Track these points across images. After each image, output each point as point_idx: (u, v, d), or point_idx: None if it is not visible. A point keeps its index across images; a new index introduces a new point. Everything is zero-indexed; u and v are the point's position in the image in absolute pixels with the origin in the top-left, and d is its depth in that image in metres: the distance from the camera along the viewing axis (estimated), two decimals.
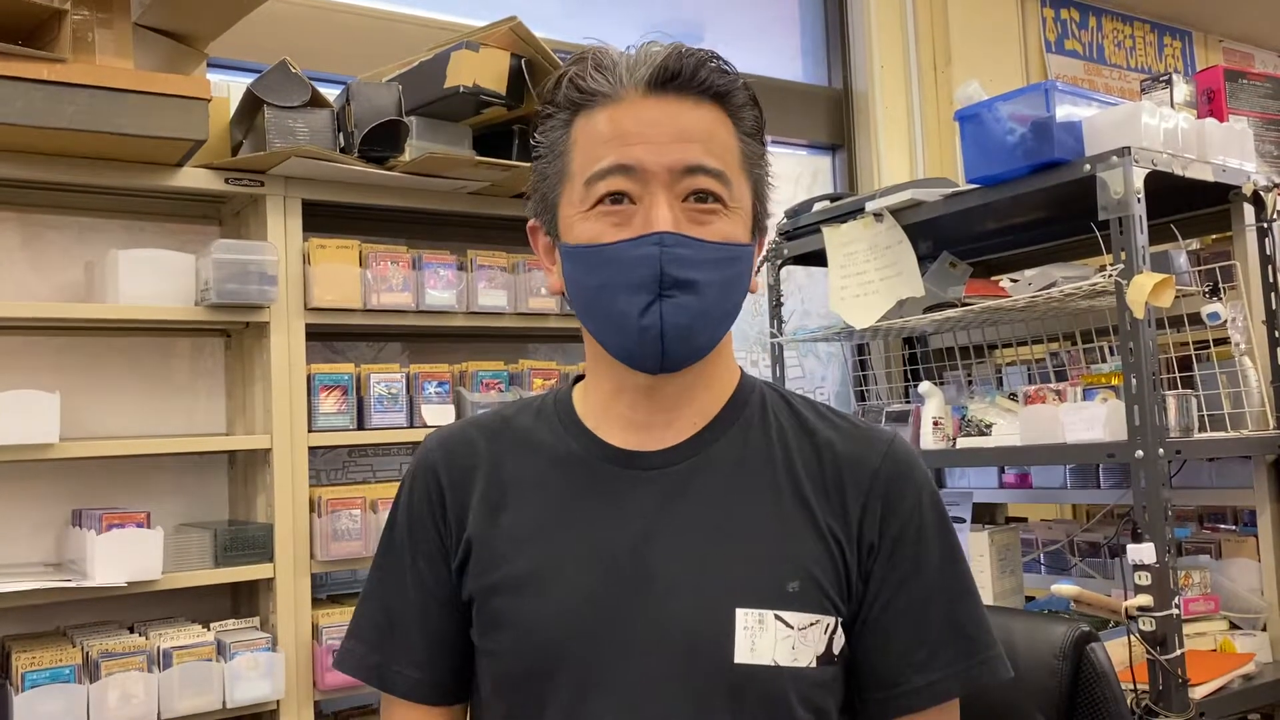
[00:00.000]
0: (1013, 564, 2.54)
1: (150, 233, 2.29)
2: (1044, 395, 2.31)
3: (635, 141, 1.00)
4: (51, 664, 1.87)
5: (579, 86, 1.04)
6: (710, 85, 1.04)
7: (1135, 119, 2.13)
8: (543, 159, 1.08)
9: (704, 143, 1.02)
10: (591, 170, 1.01)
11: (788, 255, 2.88)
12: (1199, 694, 2.00)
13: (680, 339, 1.00)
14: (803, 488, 1.05)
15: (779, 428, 1.10)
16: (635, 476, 1.06)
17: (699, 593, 1.00)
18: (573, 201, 1.03)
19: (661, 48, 1.04)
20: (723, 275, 1.01)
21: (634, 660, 0.99)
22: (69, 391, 2.04)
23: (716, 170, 1.01)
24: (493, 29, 2.29)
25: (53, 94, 1.84)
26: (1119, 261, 2.06)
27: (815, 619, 1.01)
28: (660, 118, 1.01)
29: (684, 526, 1.03)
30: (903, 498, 1.07)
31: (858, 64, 3.70)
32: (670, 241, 0.98)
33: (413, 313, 2.30)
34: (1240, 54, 4.85)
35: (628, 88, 1.02)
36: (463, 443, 1.13)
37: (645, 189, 1.00)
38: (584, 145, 1.03)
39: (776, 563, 1.02)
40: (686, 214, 1.00)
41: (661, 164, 1.00)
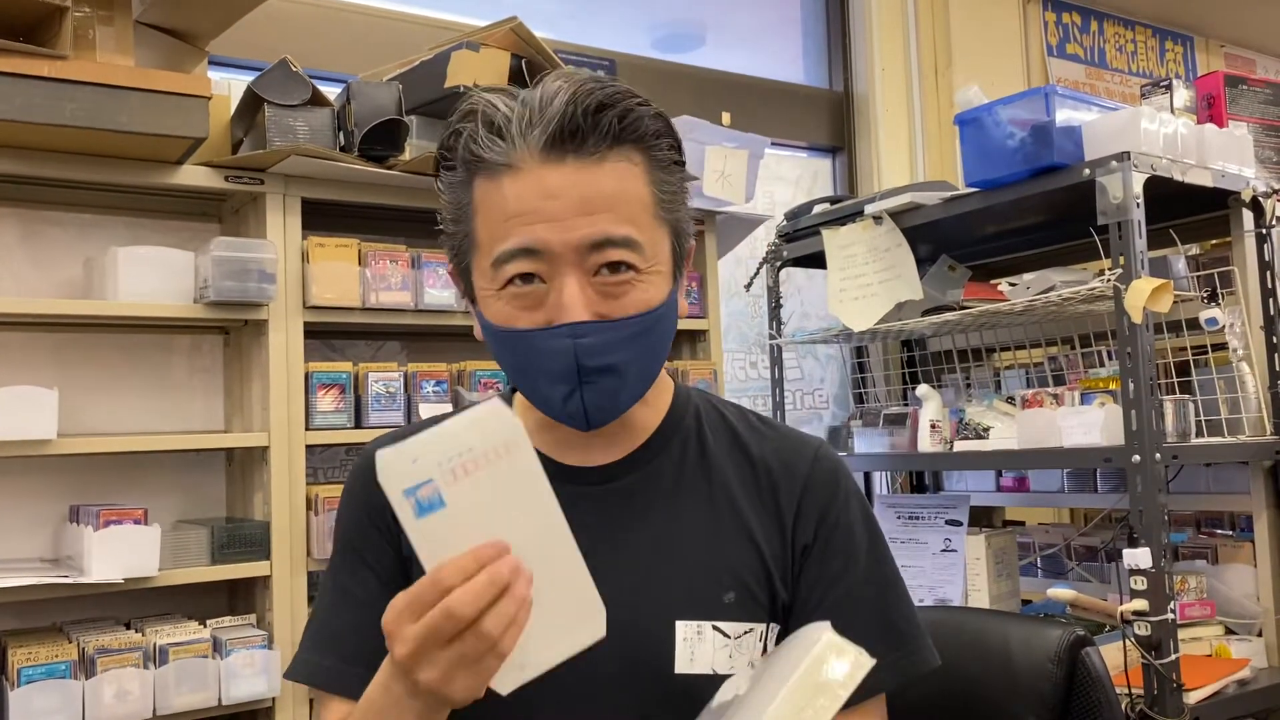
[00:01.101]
0: (1009, 567, 2.54)
1: (150, 230, 2.29)
2: (1042, 399, 2.32)
3: (537, 219, 0.95)
4: (48, 660, 1.87)
5: (474, 152, 0.98)
6: (612, 133, 0.96)
7: (1135, 124, 2.13)
8: (449, 216, 1.04)
9: (611, 209, 0.96)
10: (496, 251, 0.97)
11: (787, 257, 2.89)
12: (1194, 699, 2.00)
13: (604, 411, 1.00)
14: (736, 499, 1.08)
15: (714, 441, 1.12)
16: (575, 492, 1.04)
17: (640, 606, 1.01)
18: (484, 274, 1.00)
19: (558, 93, 0.95)
20: (642, 346, 1.00)
21: (576, 671, 0.97)
22: (67, 388, 2.04)
23: (626, 239, 0.96)
24: (493, 29, 2.30)
25: (53, 91, 1.84)
26: (1117, 266, 2.06)
27: (750, 627, 1.03)
28: (561, 187, 0.95)
29: (624, 541, 1.05)
30: (832, 500, 1.09)
31: (858, 67, 3.71)
32: (583, 331, 0.95)
33: (411, 312, 2.30)
34: (1242, 59, 4.85)
35: (523, 153, 0.96)
36: None
37: (553, 269, 0.96)
38: (486, 215, 0.99)
39: (713, 574, 1.04)
40: (599, 289, 0.97)
41: (567, 242, 0.95)
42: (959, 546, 2.53)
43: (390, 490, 0.78)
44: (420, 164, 2.21)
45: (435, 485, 0.77)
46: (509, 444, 0.77)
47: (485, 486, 0.78)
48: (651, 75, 3.23)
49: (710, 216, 2.75)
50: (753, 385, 3.36)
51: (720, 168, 2.64)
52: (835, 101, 3.72)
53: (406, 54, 2.40)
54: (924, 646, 1.10)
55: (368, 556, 1.09)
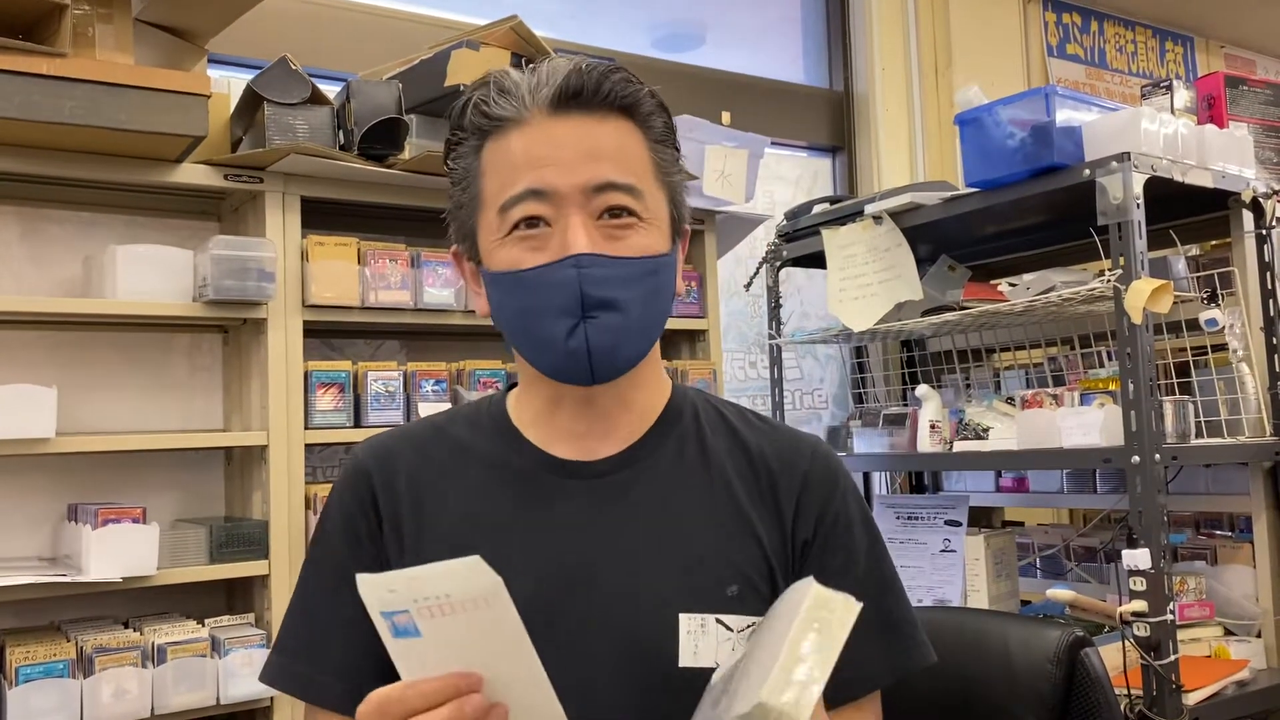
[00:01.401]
0: (1008, 568, 2.54)
1: (149, 228, 2.29)
2: (1041, 400, 2.31)
3: (545, 164, 1.00)
4: (45, 659, 1.87)
5: (484, 112, 1.04)
6: (615, 98, 1.03)
7: (1135, 124, 2.13)
8: (457, 186, 1.09)
9: (614, 159, 1.02)
10: (504, 197, 1.02)
11: (787, 257, 2.89)
12: (1193, 700, 2.00)
13: (607, 356, 1.02)
14: (737, 494, 1.09)
15: (712, 436, 1.13)
16: (575, 486, 1.07)
17: (642, 598, 1.02)
18: (490, 228, 1.04)
19: (564, 64, 1.03)
20: (644, 289, 1.03)
21: (578, 665, 0.99)
22: (66, 386, 2.04)
23: (628, 185, 1.02)
24: (493, 28, 2.30)
25: (52, 88, 1.83)
26: (1117, 267, 2.06)
27: (752, 621, 1.03)
28: (567, 137, 1.01)
29: (625, 533, 1.05)
30: (831, 496, 1.11)
31: (859, 66, 3.71)
32: (587, 263, 0.99)
33: (410, 311, 2.29)
34: (1242, 60, 4.85)
35: (532, 110, 1.02)
36: (396, 452, 1.12)
37: (559, 211, 1.01)
38: (495, 171, 1.04)
39: (716, 568, 1.04)
40: (602, 232, 1.01)
41: (573, 184, 1.00)
42: (958, 547, 2.53)
43: (370, 607, 0.80)
44: (420, 163, 2.21)
45: (410, 616, 0.79)
46: (488, 597, 0.79)
47: (461, 627, 0.80)
48: (651, 75, 3.21)
49: (710, 216, 2.75)
50: (752, 385, 3.36)
51: (720, 167, 2.64)
52: (835, 101, 3.72)
53: (406, 52, 2.40)
54: (921, 643, 1.12)
55: (348, 559, 1.09)
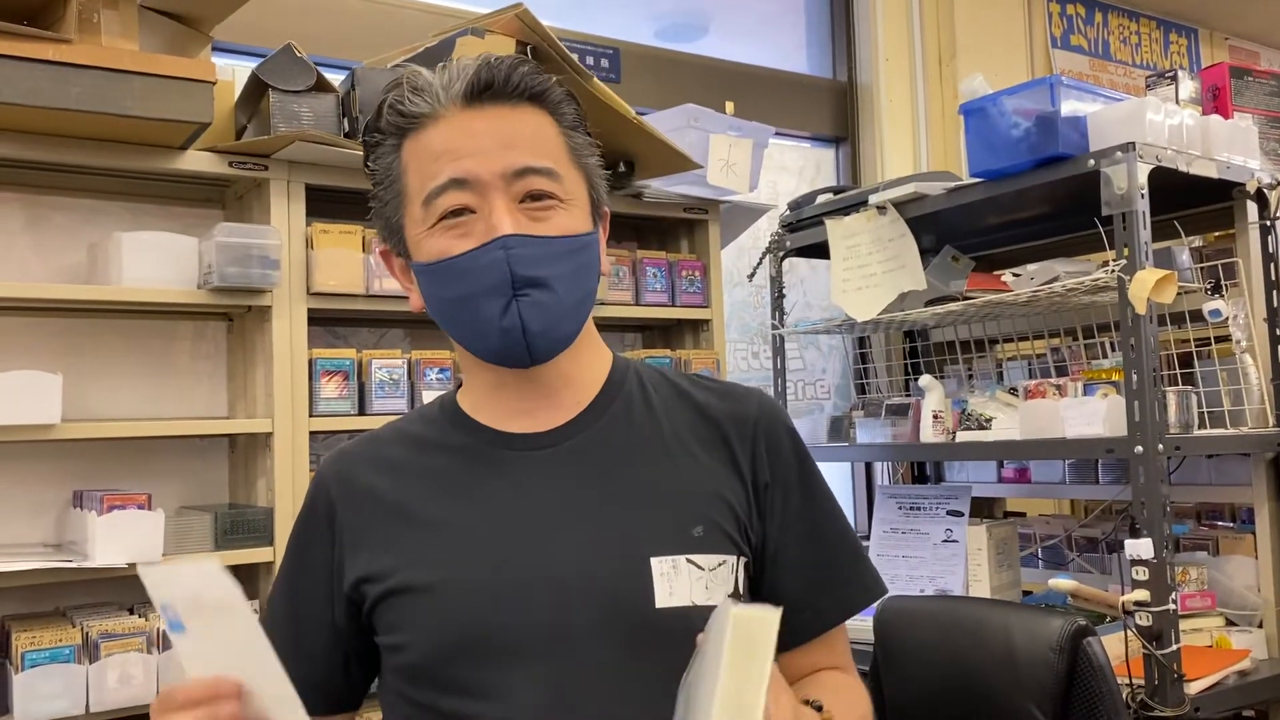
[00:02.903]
0: (1010, 558, 2.55)
1: (153, 215, 2.29)
2: (1044, 390, 2.32)
3: (464, 154, 1.04)
4: (51, 644, 1.87)
5: (400, 111, 1.07)
6: (525, 88, 1.07)
7: (1140, 115, 2.13)
8: (379, 185, 1.12)
9: (529, 145, 1.06)
10: (428, 189, 1.05)
11: (790, 247, 2.88)
12: (1194, 689, 2.01)
13: (542, 334, 1.05)
14: (691, 446, 1.14)
15: (659, 397, 1.17)
16: (529, 457, 1.11)
17: (612, 549, 1.06)
18: (416, 221, 1.08)
19: (471, 61, 1.07)
20: (570, 266, 1.06)
21: (557, 625, 1.03)
22: (71, 373, 2.04)
23: (546, 168, 1.06)
24: (498, 15, 2.29)
25: (57, 75, 1.83)
26: (1121, 257, 2.06)
27: (722, 559, 1.08)
28: (484, 127, 1.05)
29: (585, 492, 1.09)
30: (780, 441, 1.17)
31: (862, 56, 3.70)
32: (514, 243, 1.03)
33: None
34: (1246, 51, 4.84)
35: (447, 104, 1.06)
36: (353, 455, 1.18)
37: (483, 199, 1.04)
38: (416, 166, 1.07)
39: (679, 512, 1.09)
40: (526, 214, 1.05)
41: (493, 171, 1.04)
42: (960, 537, 2.54)
43: (152, 598, 0.93)
44: None
45: (176, 611, 0.91)
46: (229, 603, 0.89)
47: (217, 628, 0.91)
48: (655, 64, 3.22)
49: (714, 205, 2.75)
50: (755, 375, 3.37)
51: (724, 157, 2.63)
52: (839, 91, 3.71)
53: (411, 40, 2.39)
54: (869, 583, 1.19)
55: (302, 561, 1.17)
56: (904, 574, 2.58)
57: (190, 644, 0.93)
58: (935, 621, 1.64)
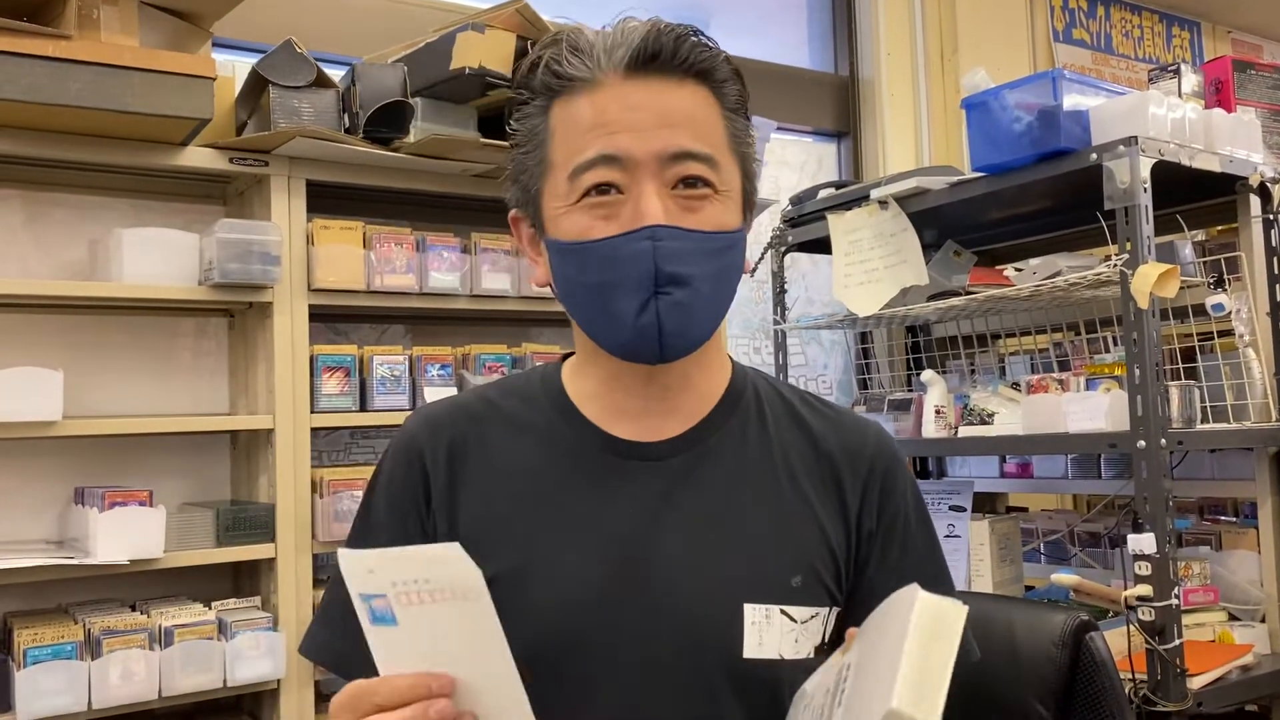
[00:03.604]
0: (1013, 553, 2.55)
1: (154, 212, 2.28)
2: (1047, 385, 2.31)
3: (619, 129, 0.96)
4: (53, 640, 1.87)
5: (555, 71, 1.00)
6: (692, 62, 0.99)
7: (1142, 108, 2.12)
8: (521, 148, 1.04)
9: (690, 126, 0.98)
10: (575, 161, 0.97)
11: (792, 242, 2.88)
12: (1197, 684, 2.00)
13: (677, 334, 0.98)
14: (800, 481, 1.06)
15: (774, 420, 1.10)
16: (636, 467, 1.04)
17: (706, 587, 0.99)
18: (557, 194, 1.00)
19: (639, 25, 1.00)
20: (717, 266, 0.99)
21: (639, 652, 0.97)
22: (72, 370, 2.04)
23: (705, 155, 0.98)
24: (499, 10, 2.28)
25: (57, 71, 1.83)
26: (1124, 251, 2.06)
27: (816, 611, 1.02)
28: (643, 101, 0.97)
29: (687, 519, 1.02)
30: (894, 486, 1.10)
31: (864, 51, 3.69)
32: (663, 235, 0.95)
33: (416, 295, 2.29)
34: (1249, 45, 4.83)
35: (606, 71, 0.98)
36: (449, 424, 1.08)
37: (632, 178, 0.96)
38: (564, 134, 0.99)
39: (781, 557, 1.02)
40: (676, 202, 0.97)
41: (649, 151, 0.96)
42: (963, 532, 2.53)
43: (350, 587, 0.79)
44: (425, 146, 2.21)
45: (388, 601, 0.78)
46: (466, 589, 0.78)
47: (438, 619, 0.79)
48: None
49: None
50: None
51: None
52: (841, 86, 3.71)
53: (412, 35, 2.39)
54: (970, 640, 1.09)
55: (396, 525, 1.06)
56: None
57: (398, 638, 0.80)
58: None
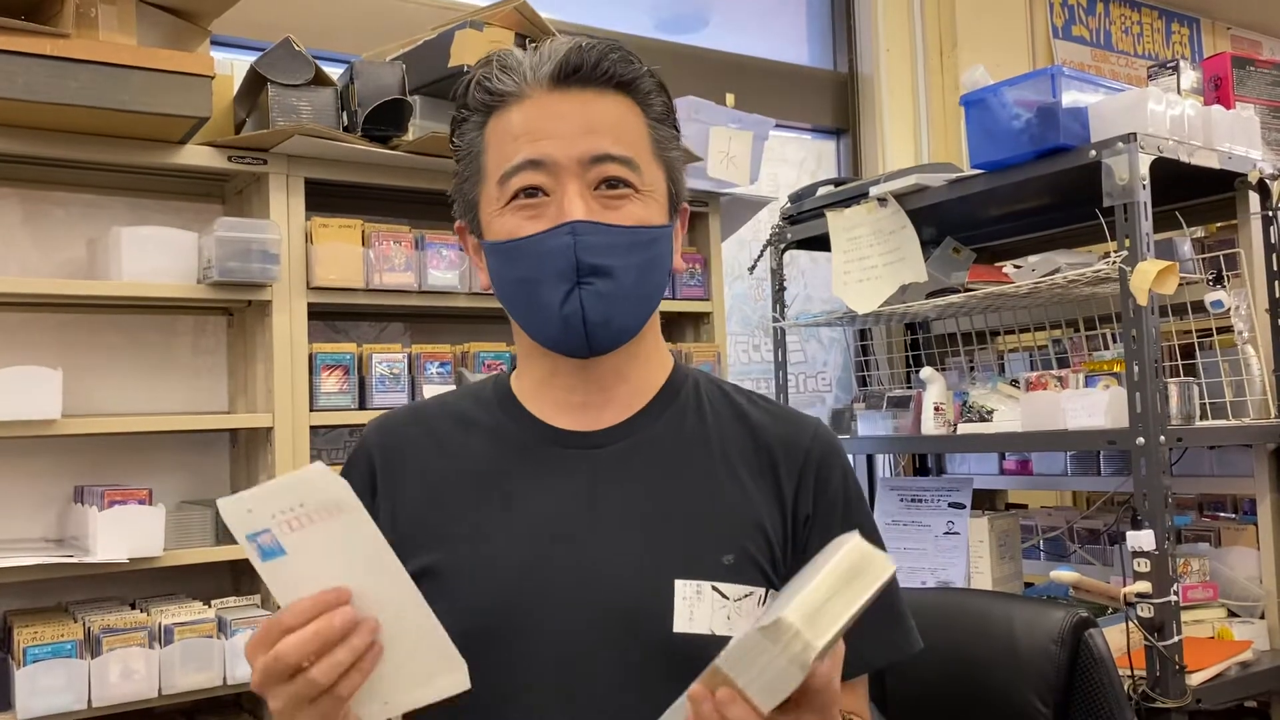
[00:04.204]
0: (1012, 550, 2.55)
1: (153, 210, 2.28)
2: (1046, 382, 2.31)
3: (543, 136, 1.03)
4: (53, 639, 1.87)
5: (487, 89, 1.07)
6: (614, 75, 1.05)
7: (1142, 105, 2.12)
8: (461, 162, 1.11)
9: (611, 132, 1.04)
10: (504, 167, 1.04)
11: (791, 239, 2.88)
12: (1196, 680, 2.01)
13: (602, 324, 1.04)
14: (736, 468, 1.10)
15: (714, 412, 1.14)
16: (574, 455, 1.09)
17: (639, 565, 1.03)
18: (490, 200, 1.07)
19: (565, 42, 1.06)
20: (639, 258, 1.05)
21: (573, 629, 1.01)
22: (71, 368, 2.04)
23: (625, 157, 1.04)
24: (497, 8, 2.29)
25: (56, 69, 1.83)
26: (1123, 248, 2.06)
27: (750, 590, 1.05)
28: (567, 111, 1.04)
29: (622, 502, 1.07)
30: (831, 475, 1.13)
31: (863, 48, 3.69)
32: (582, 230, 1.01)
33: (415, 293, 2.29)
34: (1248, 41, 4.83)
35: (533, 85, 1.05)
36: (399, 426, 1.16)
37: (557, 181, 1.03)
38: (496, 145, 1.06)
39: (713, 537, 1.06)
40: (599, 201, 1.03)
41: (570, 155, 1.02)
42: (962, 529, 2.53)
43: (235, 533, 0.84)
44: (424, 144, 2.21)
45: (272, 534, 0.83)
46: (338, 503, 0.82)
47: (321, 539, 0.83)
48: (655, 56, 3.19)
49: (714, 198, 2.74)
50: (756, 368, 3.36)
51: (725, 149, 2.63)
52: (840, 83, 3.71)
53: (410, 33, 2.39)
54: (912, 628, 1.13)
55: None
56: (906, 566, 2.58)
57: (291, 567, 0.84)
58: (937, 614, 1.64)
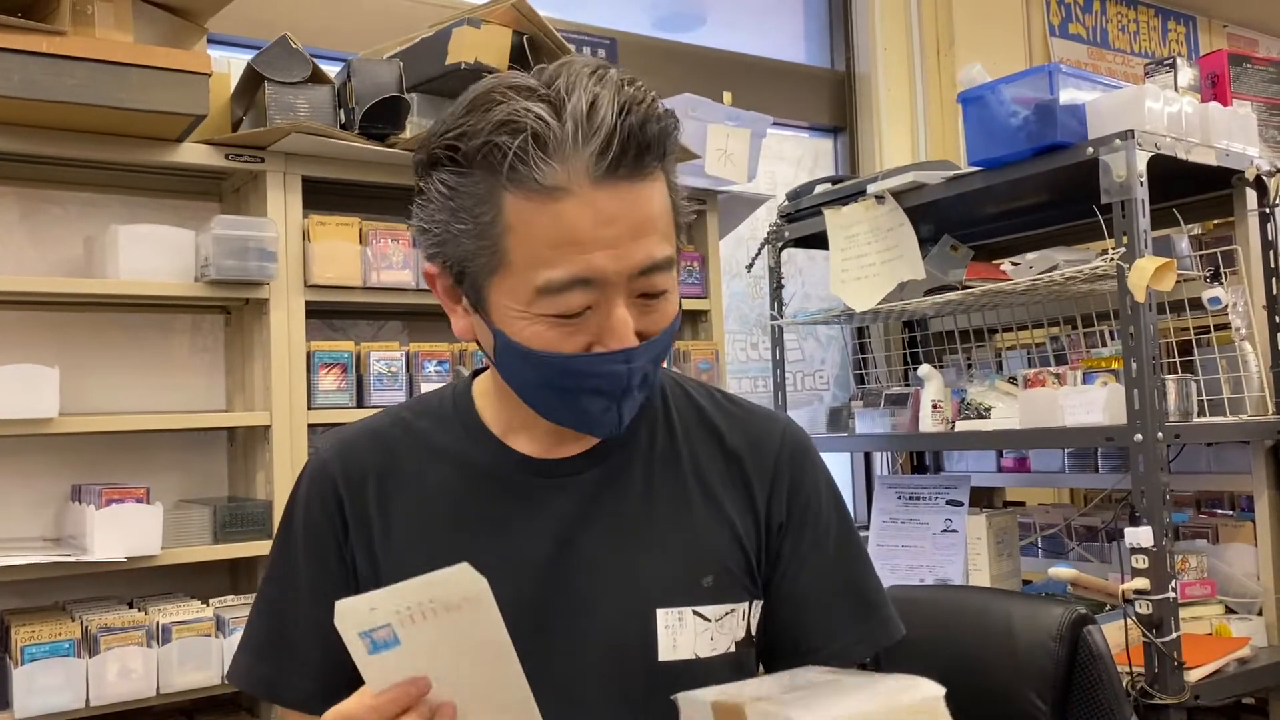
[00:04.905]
0: (1010, 547, 2.55)
1: (150, 208, 2.28)
2: (1044, 379, 2.31)
3: (593, 248, 0.90)
4: (51, 638, 1.87)
5: (516, 167, 0.88)
6: (659, 148, 0.92)
7: (1139, 102, 2.13)
8: (455, 220, 0.94)
9: (656, 229, 0.93)
10: (545, 277, 0.90)
11: (789, 238, 2.88)
12: (1194, 677, 2.01)
13: (631, 417, 1.00)
14: (709, 482, 1.08)
15: (682, 423, 1.12)
16: (547, 485, 1.05)
17: (619, 597, 1.01)
18: (515, 296, 0.93)
19: (604, 106, 0.89)
20: (668, 347, 1.01)
21: (556, 666, 0.99)
22: (69, 367, 2.04)
23: (668, 259, 0.95)
24: (495, 5, 2.28)
25: (52, 67, 1.82)
26: (1120, 245, 2.06)
27: (731, 608, 1.04)
28: (616, 213, 0.90)
29: (599, 532, 1.04)
30: (802, 478, 1.11)
31: (860, 46, 3.69)
32: (634, 356, 0.94)
33: (413, 291, 2.29)
34: (1244, 39, 4.83)
35: (576, 172, 0.88)
36: (361, 450, 1.09)
37: (603, 295, 0.92)
38: (526, 238, 0.90)
39: (691, 560, 1.04)
40: (639, 309, 0.95)
41: (621, 270, 0.91)
42: (960, 527, 2.54)
43: (344, 631, 0.80)
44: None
45: (391, 628, 0.80)
46: (475, 598, 0.80)
47: (440, 631, 0.81)
48: (652, 54, 3.21)
49: (712, 196, 2.74)
50: (753, 366, 3.36)
51: (722, 147, 2.63)
52: (837, 81, 3.71)
53: (407, 31, 2.39)
54: (892, 617, 1.12)
55: (315, 570, 1.07)
56: (904, 564, 2.58)
57: (398, 658, 0.81)
58: (936, 611, 1.64)
